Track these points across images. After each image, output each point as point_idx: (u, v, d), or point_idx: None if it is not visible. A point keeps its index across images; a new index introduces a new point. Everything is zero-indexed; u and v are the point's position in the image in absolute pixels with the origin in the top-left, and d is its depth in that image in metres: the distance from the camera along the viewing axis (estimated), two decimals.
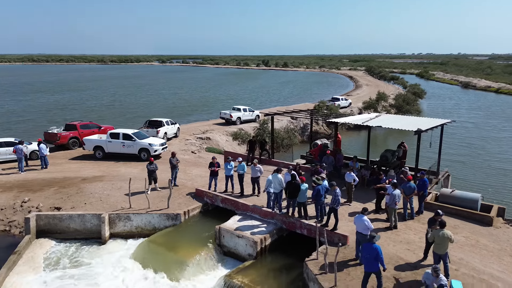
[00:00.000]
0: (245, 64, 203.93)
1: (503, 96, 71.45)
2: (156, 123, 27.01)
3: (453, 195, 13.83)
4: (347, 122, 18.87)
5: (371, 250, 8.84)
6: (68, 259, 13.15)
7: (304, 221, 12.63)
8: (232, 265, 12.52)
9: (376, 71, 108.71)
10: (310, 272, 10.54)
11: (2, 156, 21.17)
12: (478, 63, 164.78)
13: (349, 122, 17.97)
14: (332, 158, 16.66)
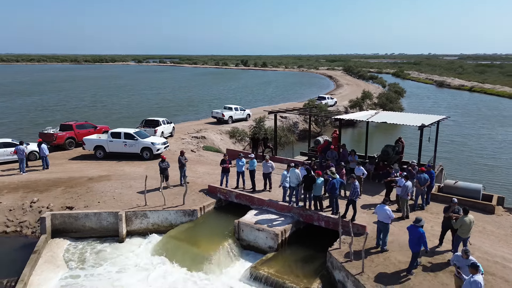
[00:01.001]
0: (224, 64, 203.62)
1: (476, 94, 74.65)
2: (153, 122, 27.01)
3: (456, 186, 14.76)
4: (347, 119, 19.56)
5: (416, 232, 9.68)
6: (90, 257, 13.24)
7: (321, 213, 13.19)
8: (252, 257, 12.95)
9: (354, 70, 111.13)
10: (335, 260, 11.10)
11: (1, 157, 20.74)
12: (449, 63, 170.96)
13: (354, 118, 18.68)
14: (335, 153, 17.35)
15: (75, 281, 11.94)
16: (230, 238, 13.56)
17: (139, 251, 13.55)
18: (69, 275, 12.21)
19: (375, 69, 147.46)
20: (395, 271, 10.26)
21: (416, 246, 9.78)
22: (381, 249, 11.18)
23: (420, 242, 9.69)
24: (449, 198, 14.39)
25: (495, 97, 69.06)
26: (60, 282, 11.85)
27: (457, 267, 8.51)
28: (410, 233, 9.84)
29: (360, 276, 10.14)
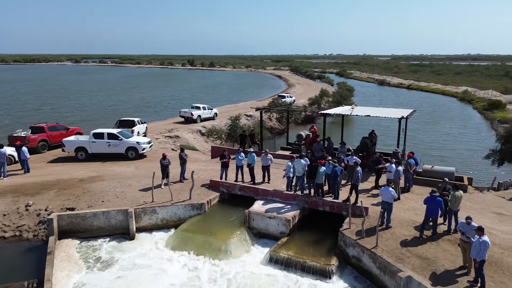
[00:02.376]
0: (169, 63, 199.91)
1: (414, 91, 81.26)
2: (129, 122, 26.74)
3: (433, 170, 16.83)
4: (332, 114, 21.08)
5: (435, 201, 11.46)
6: (106, 255, 13.30)
7: (325, 199, 14.47)
8: (265, 243, 13.85)
9: (302, 70, 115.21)
10: (349, 239, 12.40)
11: None
12: (385, 63, 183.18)
13: (339, 113, 20.25)
14: (321, 144, 18.80)
15: (100, 277, 12.05)
16: (242, 227, 14.35)
17: (154, 245, 13.86)
18: (92, 272, 12.27)
19: (319, 69, 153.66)
20: (403, 243, 11.77)
21: (435, 212, 11.54)
22: (386, 226, 12.66)
23: (438, 208, 11.40)
24: (428, 180, 16.49)
25: (430, 94, 75.84)
26: (85, 279, 11.89)
27: (462, 233, 10.15)
28: (430, 203, 11.55)
29: (375, 249, 11.52)
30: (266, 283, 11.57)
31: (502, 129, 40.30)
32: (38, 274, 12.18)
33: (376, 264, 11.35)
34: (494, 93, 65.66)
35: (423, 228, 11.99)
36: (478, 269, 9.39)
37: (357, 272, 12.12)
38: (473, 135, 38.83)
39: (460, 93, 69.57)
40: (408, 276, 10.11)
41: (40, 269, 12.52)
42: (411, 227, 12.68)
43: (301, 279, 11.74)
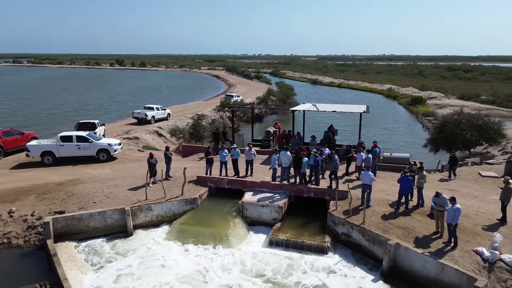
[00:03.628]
0: (96, 63, 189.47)
1: (344, 90, 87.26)
2: (89, 125, 26.09)
3: (392, 156, 19.39)
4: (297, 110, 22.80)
5: (407, 180, 13.60)
6: (108, 253, 13.55)
7: (310, 186, 16.12)
8: (260, 230, 15.09)
9: (239, 70, 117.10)
10: (338, 218, 14.17)
11: None
12: (314, 63, 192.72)
13: (308, 109, 22.03)
14: (298, 139, 20.50)
15: (109, 273, 12.35)
16: (236, 217, 15.43)
17: (154, 240, 14.36)
18: (99, 271, 12.49)
19: (253, 69, 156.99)
20: (382, 217, 13.80)
21: (407, 190, 13.70)
22: (367, 205, 14.61)
23: (409, 186, 13.55)
24: (388, 166, 18.95)
25: (359, 91, 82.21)
26: (95, 277, 12.14)
27: (436, 204, 12.38)
28: (403, 182, 13.65)
29: (363, 225, 13.40)
30: (274, 262, 12.84)
31: (426, 121, 45.93)
32: (41, 278, 12.15)
33: (365, 237, 13.22)
34: (414, 90, 73.32)
35: (398, 204, 14.17)
36: (452, 231, 11.63)
37: (346, 246, 13.91)
38: (405, 128, 43.57)
39: (386, 90, 76.56)
40: (396, 243, 12.10)
41: (42, 273, 12.62)
42: (386, 205, 14.80)
43: (303, 256, 13.21)
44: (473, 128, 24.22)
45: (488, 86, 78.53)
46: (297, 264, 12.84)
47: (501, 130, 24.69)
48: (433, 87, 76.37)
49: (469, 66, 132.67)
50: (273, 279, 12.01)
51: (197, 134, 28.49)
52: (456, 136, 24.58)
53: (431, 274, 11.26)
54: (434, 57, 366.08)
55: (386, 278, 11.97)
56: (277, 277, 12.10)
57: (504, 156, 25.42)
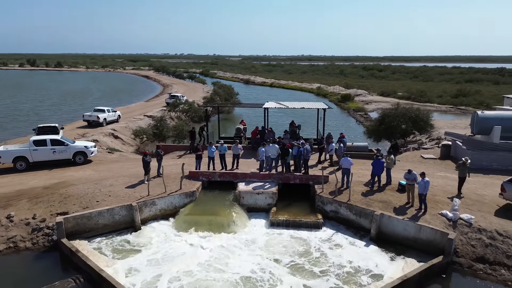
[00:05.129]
0: (3, 63, 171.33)
1: (277, 89, 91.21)
2: (51, 128, 25.25)
3: (353, 145, 22.40)
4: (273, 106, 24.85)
5: (380, 163, 16.25)
6: (123, 248, 14.23)
7: (295, 174, 18.27)
8: (258, 215, 16.84)
9: (169, 70, 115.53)
10: (326, 198, 16.51)
11: None
12: (242, 63, 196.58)
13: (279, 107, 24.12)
14: (273, 134, 22.52)
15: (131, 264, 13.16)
16: (234, 205, 16.97)
17: (163, 232, 15.32)
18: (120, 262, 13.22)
19: (181, 68, 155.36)
20: (363, 195, 16.46)
21: (379, 171, 16.38)
22: (347, 186, 17.15)
23: (381, 167, 16.29)
24: (351, 153, 21.89)
25: (291, 90, 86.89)
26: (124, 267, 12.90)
27: (408, 179, 15.31)
28: (376, 164, 16.37)
29: (349, 202, 15.91)
30: (280, 239, 14.76)
31: (358, 116, 51.15)
32: (62, 275, 12.57)
33: (352, 212, 15.73)
34: (340, 88, 79.93)
35: (373, 183, 16.96)
36: (423, 200, 14.61)
37: (335, 222, 16.30)
38: (341, 122, 48.04)
39: (315, 89, 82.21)
40: (381, 213, 14.77)
41: (62, 270, 13.01)
42: (361, 185, 17.50)
43: (302, 232, 15.30)
44: (408, 120, 28.47)
45: (400, 84, 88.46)
46: (299, 238, 14.90)
47: (429, 121, 29.37)
48: (356, 85, 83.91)
49: (382, 66, 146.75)
50: (285, 252, 13.90)
51: (161, 134, 29.03)
52: (394, 127, 28.67)
53: (411, 235, 14.09)
54: (349, 57, 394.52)
55: (374, 242, 14.57)
56: (288, 250, 14.02)
57: (431, 143, 30.29)
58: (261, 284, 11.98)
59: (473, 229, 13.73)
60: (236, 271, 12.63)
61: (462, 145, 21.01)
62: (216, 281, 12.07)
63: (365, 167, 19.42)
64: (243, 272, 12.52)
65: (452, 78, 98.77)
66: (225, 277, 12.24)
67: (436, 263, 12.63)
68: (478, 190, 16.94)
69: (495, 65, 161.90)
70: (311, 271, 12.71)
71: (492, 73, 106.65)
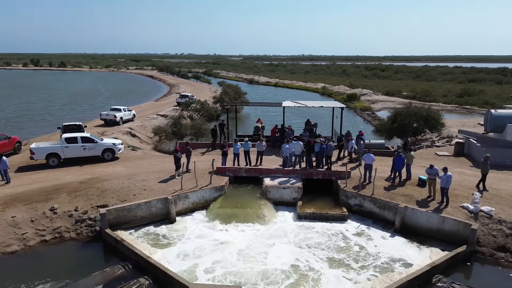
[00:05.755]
0: (6, 63, 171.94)
1: (281, 89, 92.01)
2: (75, 127, 26.10)
3: (371, 143, 23.20)
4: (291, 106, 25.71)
5: (401, 158, 16.98)
6: (163, 237, 15.08)
7: (318, 169, 19.10)
8: (284, 208, 17.66)
9: (174, 70, 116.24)
10: (350, 193, 17.33)
11: None
12: (244, 63, 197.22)
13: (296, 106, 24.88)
14: (292, 132, 23.35)
15: (178, 252, 13.99)
16: (261, 199, 17.80)
17: (198, 224, 16.14)
18: (164, 250, 14.06)
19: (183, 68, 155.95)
20: (385, 189, 17.29)
21: (400, 166, 17.19)
22: (369, 181, 17.98)
23: (402, 163, 17.09)
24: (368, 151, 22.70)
25: (296, 90, 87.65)
26: (167, 255, 13.71)
27: (430, 174, 16.12)
28: (397, 160, 17.15)
29: (373, 195, 16.73)
30: (309, 231, 15.58)
31: (366, 115, 51.94)
32: (108, 263, 13.40)
33: (376, 205, 16.55)
34: (345, 88, 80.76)
35: (394, 178, 17.79)
36: (445, 193, 15.43)
37: (359, 215, 17.12)
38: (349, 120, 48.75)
39: (320, 88, 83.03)
40: (405, 206, 15.59)
41: (107, 259, 13.83)
42: (383, 180, 18.32)
43: (329, 224, 16.13)
44: (420, 118, 29.30)
45: (403, 84, 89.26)
46: (327, 230, 15.72)
47: (440, 119, 30.21)
48: (360, 85, 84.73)
49: (384, 66, 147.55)
50: (317, 243, 14.70)
51: (179, 132, 29.84)
52: (406, 125, 29.50)
53: (434, 226, 14.90)
54: (350, 57, 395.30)
55: (399, 233, 15.39)
56: (320, 241, 14.82)
57: (442, 141, 31.11)
58: (302, 274, 12.66)
59: (493, 220, 14.56)
60: (273, 262, 13.36)
61: (476, 142, 21.83)
62: (253, 271, 12.77)
63: (384, 163, 20.25)
64: (281, 263, 13.24)
65: (454, 78, 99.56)
66: (263, 268, 12.91)
67: (460, 252, 13.45)
68: (493, 185, 17.74)
69: (496, 65, 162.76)
70: (347, 261, 13.45)
71: (495, 73, 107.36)
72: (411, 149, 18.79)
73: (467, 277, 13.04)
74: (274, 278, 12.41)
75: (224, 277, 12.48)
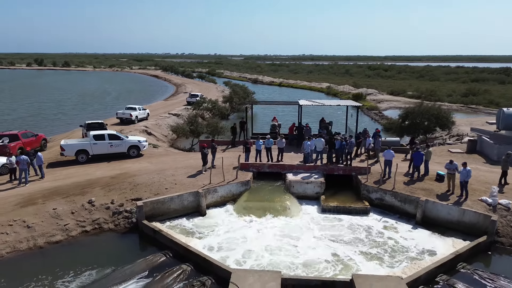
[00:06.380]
0: (10, 63, 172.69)
1: (286, 88, 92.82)
2: (97, 125, 26.88)
3: (386, 140, 23.98)
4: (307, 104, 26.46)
5: (420, 155, 17.76)
6: (196, 227, 15.87)
7: (339, 165, 19.87)
8: (307, 202, 18.39)
9: (178, 70, 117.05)
10: (371, 187, 18.11)
11: None
12: (246, 63, 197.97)
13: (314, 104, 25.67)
14: (310, 129, 24.13)
15: (212, 241, 14.77)
16: (285, 193, 18.58)
17: (228, 216, 16.92)
18: (199, 239, 14.85)
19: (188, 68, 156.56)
20: (405, 184, 18.05)
21: (419, 162, 17.96)
22: (389, 176, 18.75)
23: (421, 159, 17.86)
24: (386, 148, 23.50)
25: (301, 90, 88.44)
26: (203, 243, 14.49)
27: (449, 169, 16.90)
28: (416, 156, 17.93)
29: (394, 190, 17.51)
30: (334, 223, 16.36)
31: (373, 114, 52.73)
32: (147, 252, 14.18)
33: (397, 199, 17.32)
34: (350, 88, 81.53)
35: (413, 173, 18.56)
36: (465, 186, 16.21)
37: (379, 208, 17.88)
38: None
39: (325, 88, 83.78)
40: (426, 199, 16.37)
41: (145, 248, 14.60)
42: (402, 176, 19.07)
43: (352, 217, 16.90)
44: (431, 117, 30.06)
45: (407, 83, 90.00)
46: (350, 222, 16.49)
47: (450, 118, 30.97)
48: (364, 84, 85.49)
49: (387, 66, 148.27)
50: (344, 234, 15.45)
51: (196, 131, 30.59)
52: (418, 124, 30.26)
53: (454, 218, 15.68)
54: (350, 56, 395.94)
55: (420, 225, 16.17)
56: (347, 233, 15.56)
57: (452, 139, 31.88)
58: (334, 262, 13.36)
59: (511, 212, 15.34)
60: (305, 251, 14.07)
61: (489, 140, 22.61)
62: (286, 260, 13.53)
63: (399, 160, 21.01)
64: (312, 252, 13.99)
65: (458, 77, 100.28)
66: (295, 258, 13.68)
67: (481, 241, 14.23)
68: (508, 180, 18.49)
69: (497, 64, 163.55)
70: (376, 250, 14.19)
71: (497, 72, 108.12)
72: (429, 146, 19.54)
73: (487, 265, 13.79)
74: (309, 265, 13.18)
75: (258, 267, 13.21)
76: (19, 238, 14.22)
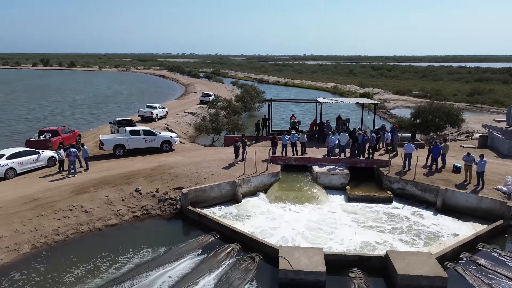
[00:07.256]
0: (16, 63, 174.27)
1: (292, 88, 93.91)
2: (126, 121, 28.36)
3: (402, 135, 25.43)
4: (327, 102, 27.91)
5: (438, 148, 19.21)
6: (237, 215, 17.34)
7: (361, 158, 21.35)
8: (333, 192, 19.84)
9: (185, 70, 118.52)
10: (393, 178, 19.57)
11: (26, 165, 19.74)
12: (249, 62, 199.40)
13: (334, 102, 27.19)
14: (330, 126, 25.60)
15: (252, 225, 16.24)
16: (313, 184, 20.03)
17: (263, 204, 18.38)
18: (242, 222, 16.33)
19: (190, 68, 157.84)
20: (424, 175, 19.51)
21: (437, 155, 19.42)
22: (408, 168, 20.19)
23: (439, 152, 19.31)
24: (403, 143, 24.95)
25: (307, 89, 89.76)
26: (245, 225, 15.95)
27: (467, 161, 18.34)
28: (434, 149, 19.39)
29: (415, 180, 18.97)
30: (360, 210, 17.82)
31: (381, 113, 54.15)
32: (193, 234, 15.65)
33: (418, 188, 18.78)
34: (355, 87, 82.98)
35: (431, 165, 20.01)
36: (481, 176, 17.68)
37: (401, 197, 19.33)
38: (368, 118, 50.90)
39: (331, 88, 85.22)
40: (446, 188, 17.84)
41: (190, 231, 16.07)
42: (420, 167, 20.52)
43: (377, 205, 18.37)
44: (442, 114, 31.51)
45: (410, 83, 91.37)
46: (376, 209, 17.96)
47: (460, 115, 32.42)
48: (369, 84, 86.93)
49: (390, 66, 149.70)
50: (369, 218, 16.95)
51: (216, 128, 32.06)
52: (429, 121, 31.71)
53: (472, 205, 17.14)
54: (352, 56, 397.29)
55: (440, 212, 17.63)
56: (369, 217, 17.07)
57: (462, 136, 33.33)
58: (369, 244, 14.72)
59: None
60: (339, 233, 15.56)
61: (500, 135, 24.06)
62: (322, 241, 15.00)
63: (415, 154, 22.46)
64: (347, 234, 15.49)
65: (461, 77, 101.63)
66: (331, 239, 15.20)
67: (498, 225, 15.70)
68: None
69: (499, 65, 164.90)
70: (405, 233, 15.61)
71: (501, 72, 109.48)
72: (446, 140, 21.01)
73: (503, 246, 15.24)
74: (345, 244, 14.65)
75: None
76: (79, 221, 15.71)
